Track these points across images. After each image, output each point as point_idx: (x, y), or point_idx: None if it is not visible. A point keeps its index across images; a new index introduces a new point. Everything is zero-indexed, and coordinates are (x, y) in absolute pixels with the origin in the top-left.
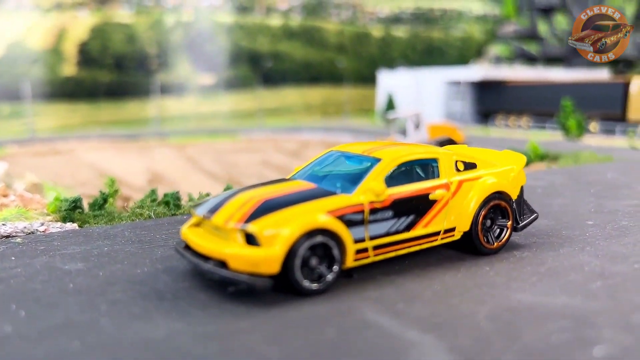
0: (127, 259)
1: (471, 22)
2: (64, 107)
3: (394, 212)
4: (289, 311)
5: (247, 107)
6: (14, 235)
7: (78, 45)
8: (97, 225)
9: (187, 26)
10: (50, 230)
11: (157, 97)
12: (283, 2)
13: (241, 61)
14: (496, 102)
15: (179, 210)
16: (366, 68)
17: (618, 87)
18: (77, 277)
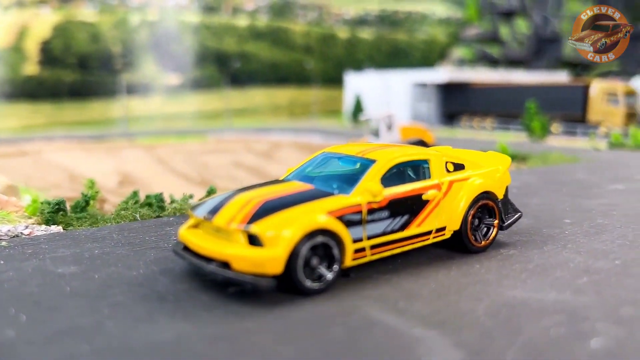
0: (120, 262)
1: (435, 25)
2: (26, 108)
3: (390, 212)
4: (292, 311)
5: (213, 108)
6: None
7: (40, 44)
8: (82, 228)
9: (152, 25)
10: (35, 233)
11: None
12: (249, 3)
13: (207, 61)
14: (461, 103)
15: (163, 212)
16: (332, 69)
17: (579, 90)
18: (72, 281)
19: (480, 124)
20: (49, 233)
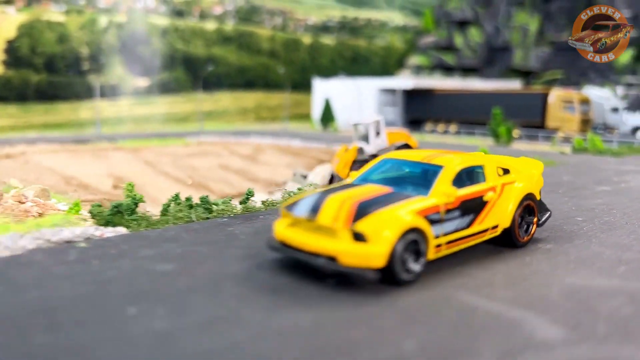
0: (210, 259)
1: (392, 33)
2: None
3: (460, 211)
4: (400, 298)
5: (181, 110)
6: (75, 241)
7: (6, 44)
8: (144, 229)
9: (120, 28)
10: (105, 234)
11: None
12: (217, 7)
13: (176, 64)
14: (425, 109)
15: (210, 213)
16: (297, 74)
17: (538, 97)
18: (178, 277)
19: (444, 128)
20: (118, 234)
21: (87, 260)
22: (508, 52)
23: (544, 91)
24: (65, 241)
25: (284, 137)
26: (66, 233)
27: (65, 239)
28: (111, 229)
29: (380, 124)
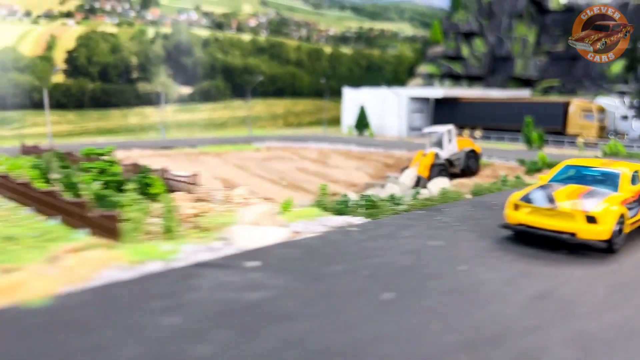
0: (457, 238)
1: (402, 43)
2: (54, 116)
3: (637, 202)
4: (623, 260)
5: (220, 117)
6: (342, 226)
7: (66, 54)
8: (380, 218)
9: (166, 39)
10: (360, 222)
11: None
12: (252, 19)
13: (215, 73)
14: (452, 116)
15: (399, 206)
16: (319, 82)
17: (560, 106)
18: (453, 249)
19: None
20: (364, 221)
21: (369, 240)
22: (510, 62)
23: (564, 101)
24: (337, 227)
25: (338, 143)
26: (335, 221)
27: (336, 225)
28: (358, 218)
29: (451, 133)
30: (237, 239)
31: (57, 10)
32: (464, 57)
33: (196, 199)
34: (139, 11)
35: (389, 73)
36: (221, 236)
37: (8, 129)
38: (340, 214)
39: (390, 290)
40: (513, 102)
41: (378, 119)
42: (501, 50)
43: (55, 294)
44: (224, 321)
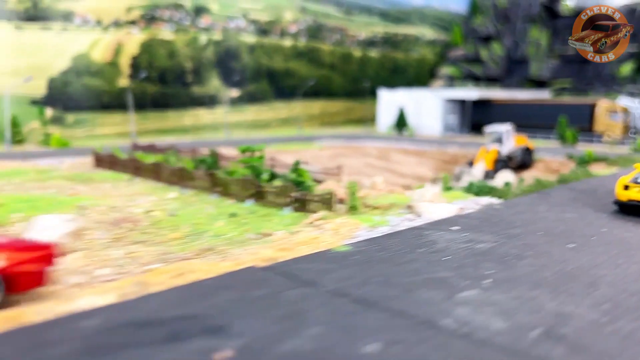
0: (585, 213)
1: (424, 46)
2: (119, 116)
3: None
4: None
5: (264, 118)
6: (490, 205)
7: (131, 59)
8: (509, 199)
9: (217, 45)
10: (497, 202)
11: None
12: (293, 26)
13: (261, 77)
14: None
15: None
16: (349, 83)
17: (587, 107)
18: (583, 220)
19: None
20: (502, 201)
21: (520, 212)
22: (525, 64)
23: (591, 102)
24: (485, 204)
25: (391, 140)
26: (481, 200)
27: (483, 203)
28: (483, 199)
29: (510, 132)
30: (423, 212)
31: (123, 19)
32: (483, 59)
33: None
34: (192, 19)
35: (411, 75)
36: (406, 211)
37: (82, 129)
38: (477, 195)
39: (570, 242)
40: (544, 104)
41: (415, 118)
42: (517, 53)
43: (344, 244)
44: (481, 258)
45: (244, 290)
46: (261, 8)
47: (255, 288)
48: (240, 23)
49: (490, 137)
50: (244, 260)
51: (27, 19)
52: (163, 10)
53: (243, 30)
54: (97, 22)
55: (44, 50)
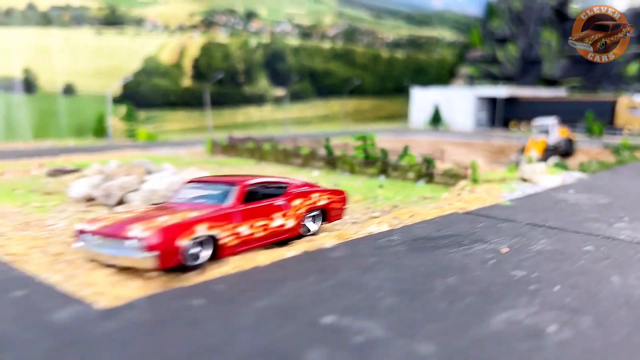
0: None
1: (444, 47)
2: (183, 114)
3: None
4: None
5: (306, 115)
6: (580, 178)
7: (192, 61)
8: (589, 174)
9: (265, 47)
10: (583, 176)
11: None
12: (332, 29)
13: (303, 77)
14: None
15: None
16: (378, 83)
17: (609, 104)
18: None
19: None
20: (586, 175)
21: (611, 182)
22: (538, 64)
23: (613, 99)
24: (577, 177)
25: (432, 134)
26: (573, 174)
27: (576, 177)
28: (572, 173)
29: (555, 124)
30: (539, 182)
31: (187, 24)
32: (499, 60)
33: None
34: (244, 23)
35: (433, 74)
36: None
37: (152, 125)
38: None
39: None
40: (568, 100)
41: (447, 114)
42: (530, 53)
43: (504, 201)
44: (608, 208)
45: (470, 223)
46: (304, 13)
47: (475, 223)
48: (286, 27)
49: (537, 129)
50: (444, 209)
51: (106, 25)
52: (220, 16)
53: (288, 34)
54: (165, 27)
55: (119, 53)
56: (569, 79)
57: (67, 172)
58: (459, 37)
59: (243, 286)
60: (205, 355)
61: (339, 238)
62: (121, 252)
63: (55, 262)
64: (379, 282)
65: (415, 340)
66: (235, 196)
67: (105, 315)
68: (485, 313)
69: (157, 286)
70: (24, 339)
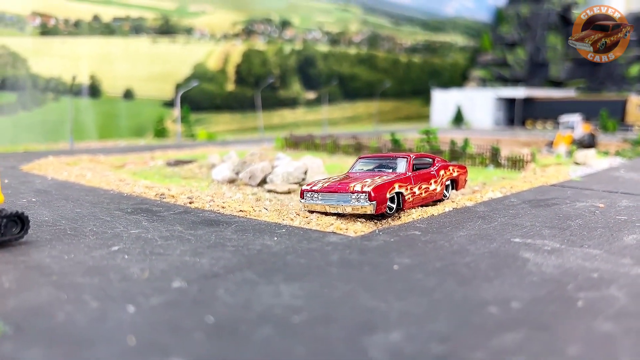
0: None
1: (457, 52)
2: (227, 116)
3: None
4: None
5: (334, 116)
6: (622, 162)
7: (235, 67)
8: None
9: (298, 54)
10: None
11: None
12: (357, 36)
13: (331, 81)
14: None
15: None
16: (397, 86)
17: (620, 102)
18: None
19: (542, 126)
20: (629, 160)
21: None
22: (545, 67)
23: (624, 98)
24: (619, 162)
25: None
26: (616, 159)
27: (618, 161)
28: (613, 158)
29: (580, 120)
30: (592, 164)
31: (230, 33)
32: (509, 63)
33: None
34: (280, 31)
35: (446, 78)
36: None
37: (200, 127)
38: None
39: None
40: (581, 100)
41: (467, 114)
42: (538, 57)
43: (574, 177)
44: None
45: (560, 191)
46: (333, 21)
47: (564, 191)
48: (316, 34)
49: (563, 125)
50: (532, 183)
51: (161, 34)
52: (258, 24)
53: (318, 41)
54: (211, 35)
55: (172, 60)
56: (574, 80)
57: (185, 162)
58: (470, 41)
59: (437, 225)
60: (459, 255)
61: (472, 200)
62: (347, 202)
63: (281, 215)
64: (530, 222)
65: (584, 248)
66: (408, 165)
67: (364, 238)
68: (617, 236)
69: (373, 226)
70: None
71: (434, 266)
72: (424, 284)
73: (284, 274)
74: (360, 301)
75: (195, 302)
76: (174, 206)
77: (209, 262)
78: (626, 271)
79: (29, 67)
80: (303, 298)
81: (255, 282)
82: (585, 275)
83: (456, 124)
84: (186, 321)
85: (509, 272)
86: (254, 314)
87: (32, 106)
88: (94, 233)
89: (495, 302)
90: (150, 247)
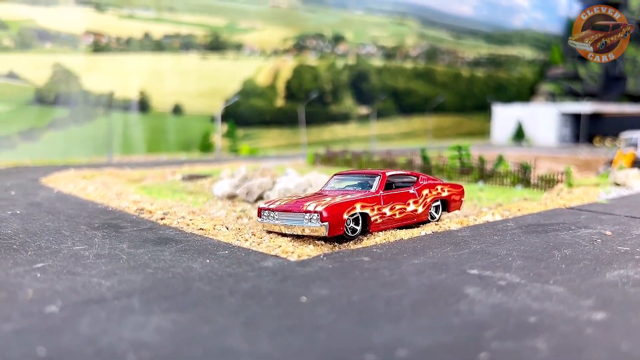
0: None
1: (524, 65)
2: (276, 132)
3: None
4: None
5: (388, 132)
6: None
7: (285, 83)
8: None
9: (351, 68)
10: None
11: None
12: (414, 50)
13: (386, 96)
14: (596, 127)
15: None
16: (458, 101)
17: None
18: None
19: (611, 143)
20: None
21: None
22: (622, 80)
23: None
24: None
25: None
26: None
27: None
28: None
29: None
30: (633, 186)
31: (280, 49)
32: (581, 76)
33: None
34: (332, 46)
35: (513, 92)
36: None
37: (249, 142)
38: None
39: None
40: None
41: (530, 130)
42: (614, 70)
43: (601, 199)
44: None
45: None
46: (388, 35)
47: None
48: (370, 49)
49: (625, 142)
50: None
51: (210, 50)
52: (310, 40)
53: (372, 55)
54: (261, 51)
55: (221, 76)
56: None
57: (200, 177)
58: (539, 54)
59: (395, 251)
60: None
61: (461, 224)
62: (300, 223)
63: (239, 235)
64: (506, 251)
65: (547, 284)
66: (379, 183)
67: (301, 264)
68: (599, 271)
69: (326, 249)
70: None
71: (349, 300)
72: (318, 321)
73: (172, 303)
74: (223, 340)
75: (47, 330)
76: (145, 222)
77: (111, 285)
78: (575, 316)
79: (81, 83)
80: (165, 333)
81: (132, 311)
82: (519, 320)
83: (516, 141)
84: (15, 351)
85: (431, 310)
86: (90, 350)
87: (83, 121)
88: (38, 248)
89: (378, 349)
90: (74, 266)
